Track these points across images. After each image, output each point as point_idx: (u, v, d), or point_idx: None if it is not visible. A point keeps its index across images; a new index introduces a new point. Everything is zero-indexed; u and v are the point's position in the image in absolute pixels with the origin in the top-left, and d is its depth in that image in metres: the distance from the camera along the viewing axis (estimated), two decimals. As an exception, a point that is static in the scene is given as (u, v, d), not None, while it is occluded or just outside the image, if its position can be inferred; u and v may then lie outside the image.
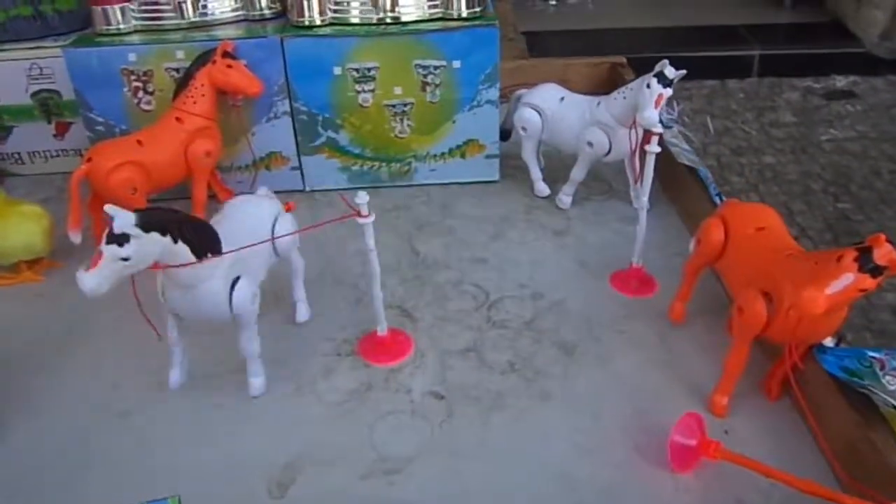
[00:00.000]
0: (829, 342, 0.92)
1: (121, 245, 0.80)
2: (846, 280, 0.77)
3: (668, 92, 1.16)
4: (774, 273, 0.87)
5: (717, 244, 0.98)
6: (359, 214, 0.94)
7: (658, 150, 1.07)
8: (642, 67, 1.20)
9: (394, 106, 1.36)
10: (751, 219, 0.97)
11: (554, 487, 0.87)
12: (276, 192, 1.42)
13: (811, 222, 2.60)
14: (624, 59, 1.70)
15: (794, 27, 3.60)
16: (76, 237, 1.19)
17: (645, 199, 1.11)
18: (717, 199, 1.21)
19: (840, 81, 3.42)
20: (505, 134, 1.43)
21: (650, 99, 1.16)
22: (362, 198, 0.92)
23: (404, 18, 1.33)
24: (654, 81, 1.15)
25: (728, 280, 0.99)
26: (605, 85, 1.66)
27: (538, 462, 0.90)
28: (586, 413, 0.96)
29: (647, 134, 1.10)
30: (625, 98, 1.23)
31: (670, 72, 1.15)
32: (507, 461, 0.90)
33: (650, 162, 1.08)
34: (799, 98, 3.35)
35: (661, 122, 1.16)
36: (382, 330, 1.05)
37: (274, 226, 1.02)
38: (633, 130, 1.24)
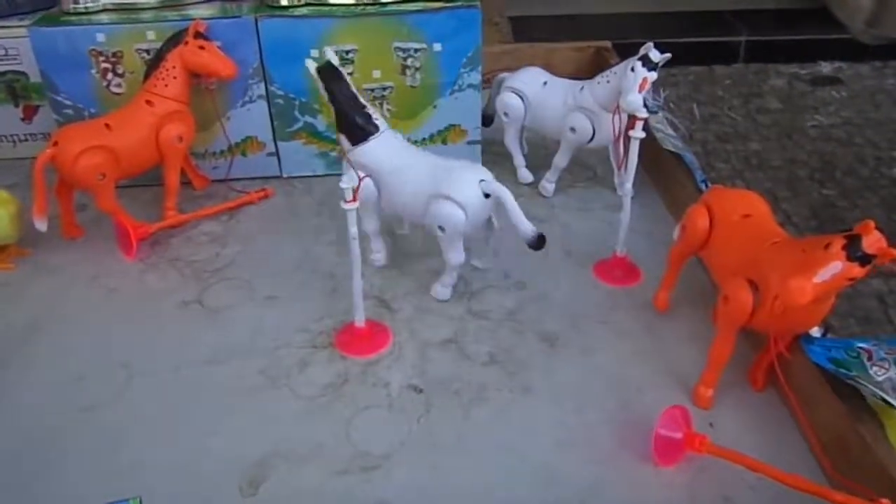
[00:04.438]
0: (816, 332, 0.90)
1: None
2: (834, 269, 0.74)
3: (653, 76, 1.13)
4: (760, 261, 0.84)
5: (701, 231, 0.95)
6: (349, 200, 0.90)
7: (642, 135, 1.04)
8: (628, 53, 1.17)
9: (373, 90, 1.32)
10: (736, 205, 0.94)
11: (535, 483, 0.84)
12: (252, 179, 1.40)
13: (796, 209, 2.59)
14: (609, 44, 1.67)
15: (781, 13, 3.58)
16: (42, 224, 1.15)
17: (629, 185, 1.08)
18: (703, 186, 1.18)
19: (825, 68, 3.41)
20: (487, 119, 1.40)
21: (634, 83, 1.13)
22: (347, 182, 0.89)
23: (383, -1, 1.29)
24: (638, 65, 1.13)
25: (713, 268, 0.96)
26: (590, 70, 1.63)
27: (519, 457, 0.87)
28: (569, 406, 0.94)
29: (632, 119, 1.07)
30: (608, 82, 1.20)
31: (655, 55, 1.12)
32: (488, 456, 0.88)
33: (634, 147, 1.05)
34: (785, 84, 3.34)
35: (645, 106, 1.13)
36: (360, 321, 1.02)
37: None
38: (616, 115, 1.21)
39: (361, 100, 1.07)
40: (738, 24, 3.36)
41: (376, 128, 1.07)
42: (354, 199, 0.90)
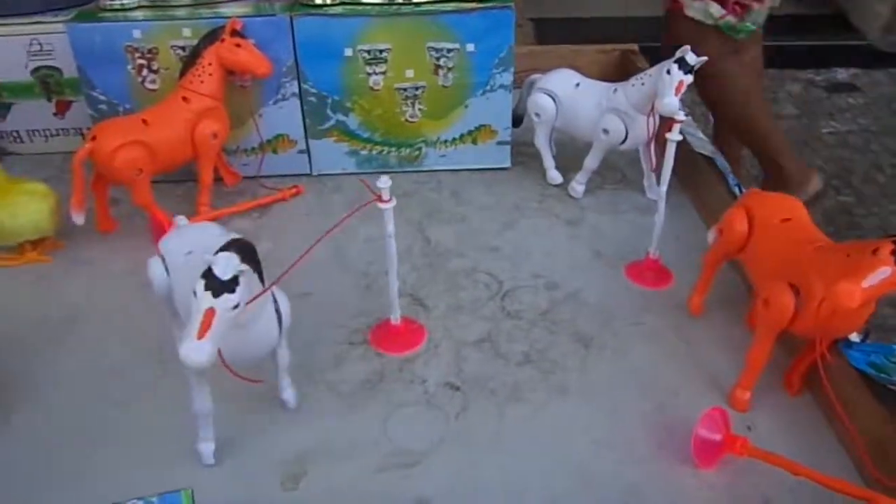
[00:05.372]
0: (855, 337, 0.90)
1: (233, 291, 0.67)
2: (883, 273, 0.75)
3: (689, 79, 1.13)
4: (803, 265, 0.85)
5: (740, 235, 0.95)
6: (380, 199, 0.90)
7: (679, 138, 1.05)
8: (645, 56, 1.17)
9: (405, 89, 1.33)
10: (776, 209, 0.95)
11: (573, 484, 0.85)
12: (282, 176, 1.40)
13: (813, 215, 2.57)
14: (635, 47, 1.67)
15: (797, 19, 3.58)
16: (79, 218, 1.16)
17: (664, 188, 1.08)
18: (737, 190, 1.19)
19: (841, 74, 3.41)
20: (517, 120, 1.41)
21: (670, 85, 1.13)
22: (384, 182, 0.89)
23: (417, -1, 1.30)
24: (674, 68, 1.13)
25: (752, 272, 0.96)
26: (616, 72, 1.64)
27: (557, 457, 0.88)
28: (604, 407, 0.94)
29: (668, 122, 1.08)
30: (643, 84, 1.20)
31: (691, 58, 1.12)
32: (525, 456, 0.88)
33: (671, 150, 1.05)
34: (800, 90, 3.33)
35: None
36: (396, 318, 1.02)
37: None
38: (650, 118, 1.21)
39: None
40: (754, 29, 3.35)
41: None
42: (391, 199, 0.91)
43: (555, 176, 1.38)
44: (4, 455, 0.88)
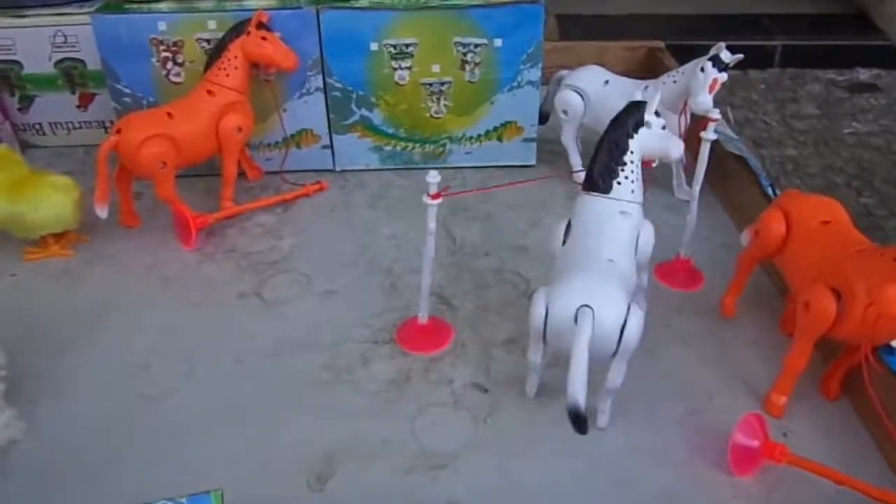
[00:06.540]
0: (895, 343, 0.88)
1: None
2: (932, 279, 0.73)
3: (724, 76, 1.11)
4: (845, 269, 0.83)
5: (777, 237, 0.93)
6: (435, 196, 0.88)
7: (714, 136, 1.03)
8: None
9: (431, 84, 1.31)
10: (815, 211, 0.93)
11: (608, 487, 0.83)
12: (305, 172, 1.39)
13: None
14: (662, 44, 1.65)
15: (818, 18, 3.53)
16: (102, 212, 1.14)
17: (697, 188, 1.06)
18: (771, 191, 1.16)
19: (863, 74, 3.37)
20: (543, 117, 1.39)
21: (704, 83, 1.11)
22: (433, 177, 0.87)
23: (445, -8, 1.28)
24: (708, 65, 1.11)
25: (790, 275, 0.94)
26: (642, 69, 1.62)
27: (590, 461, 0.86)
28: (638, 410, 0.92)
29: (702, 120, 1.05)
30: (675, 82, 1.18)
31: (726, 55, 1.10)
32: (556, 458, 0.87)
33: (705, 149, 1.03)
34: (821, 90, 3.28)
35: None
36: (424, 317, 1.01)
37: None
38: (682, 116, 1.19)
39: None
40: (775, 27, 3.32)
41: None
42: (439, 196, 0.89)
43: (582, 175, 1.35)
44: (29, 451, 0.87)
